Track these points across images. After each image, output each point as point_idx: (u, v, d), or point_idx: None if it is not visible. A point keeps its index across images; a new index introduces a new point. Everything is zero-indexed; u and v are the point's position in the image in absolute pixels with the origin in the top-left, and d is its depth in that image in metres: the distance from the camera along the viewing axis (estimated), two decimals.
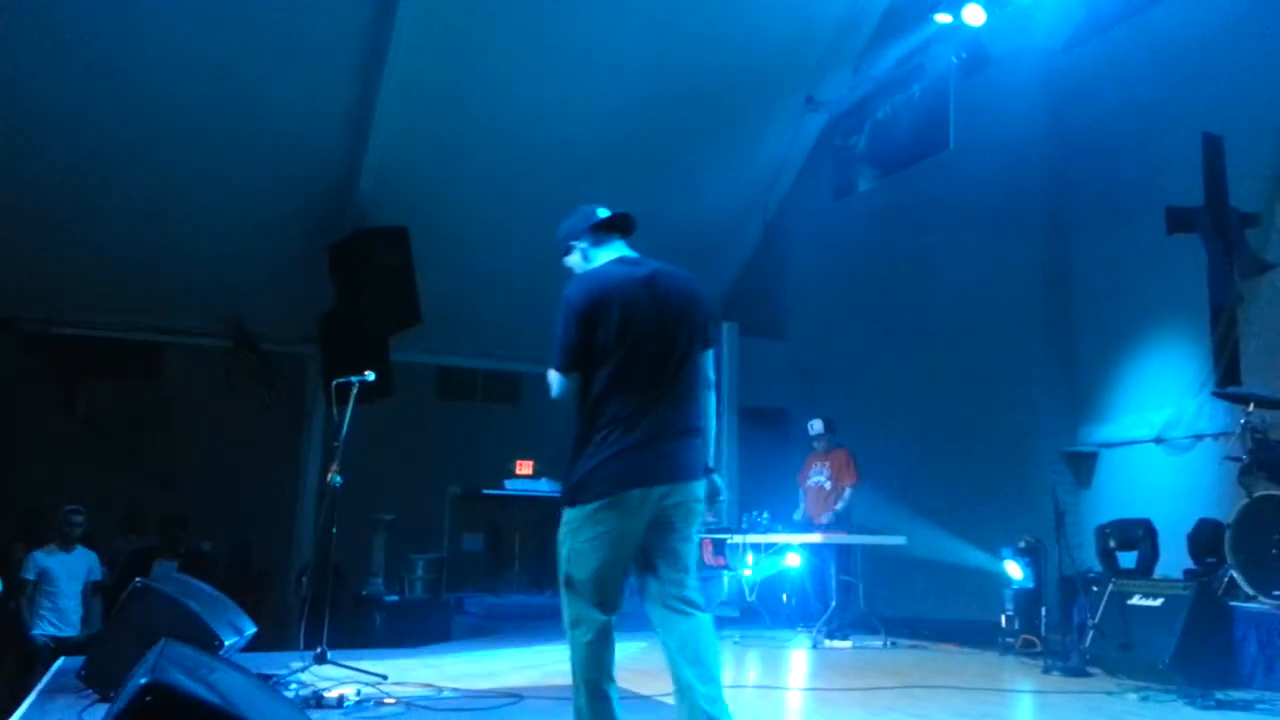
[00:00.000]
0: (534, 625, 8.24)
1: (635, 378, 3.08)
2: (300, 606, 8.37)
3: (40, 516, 8.38)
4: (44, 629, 7.13)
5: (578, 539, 3.04)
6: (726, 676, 5.28)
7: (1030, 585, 6.55)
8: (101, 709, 3.95)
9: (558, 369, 3.15)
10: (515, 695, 4.57)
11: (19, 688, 6.84)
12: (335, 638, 5.70)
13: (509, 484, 10.38)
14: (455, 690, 4.76)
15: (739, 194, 11.21)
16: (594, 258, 3.30)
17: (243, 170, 9.46)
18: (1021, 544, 6.69)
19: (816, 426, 7.97)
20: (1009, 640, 6.48)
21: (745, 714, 4.11)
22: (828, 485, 7.84)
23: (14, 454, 9.60)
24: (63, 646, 6.81)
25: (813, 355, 10.56)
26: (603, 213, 3.34)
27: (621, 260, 3.27)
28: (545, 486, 10.46)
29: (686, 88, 9.83)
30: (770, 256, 11.43)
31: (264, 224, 9.88)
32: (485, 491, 10.24)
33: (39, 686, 4.88)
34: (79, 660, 5.05)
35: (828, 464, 7.89)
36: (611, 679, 3.08)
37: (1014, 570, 6.66)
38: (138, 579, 4.42)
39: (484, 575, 10.65)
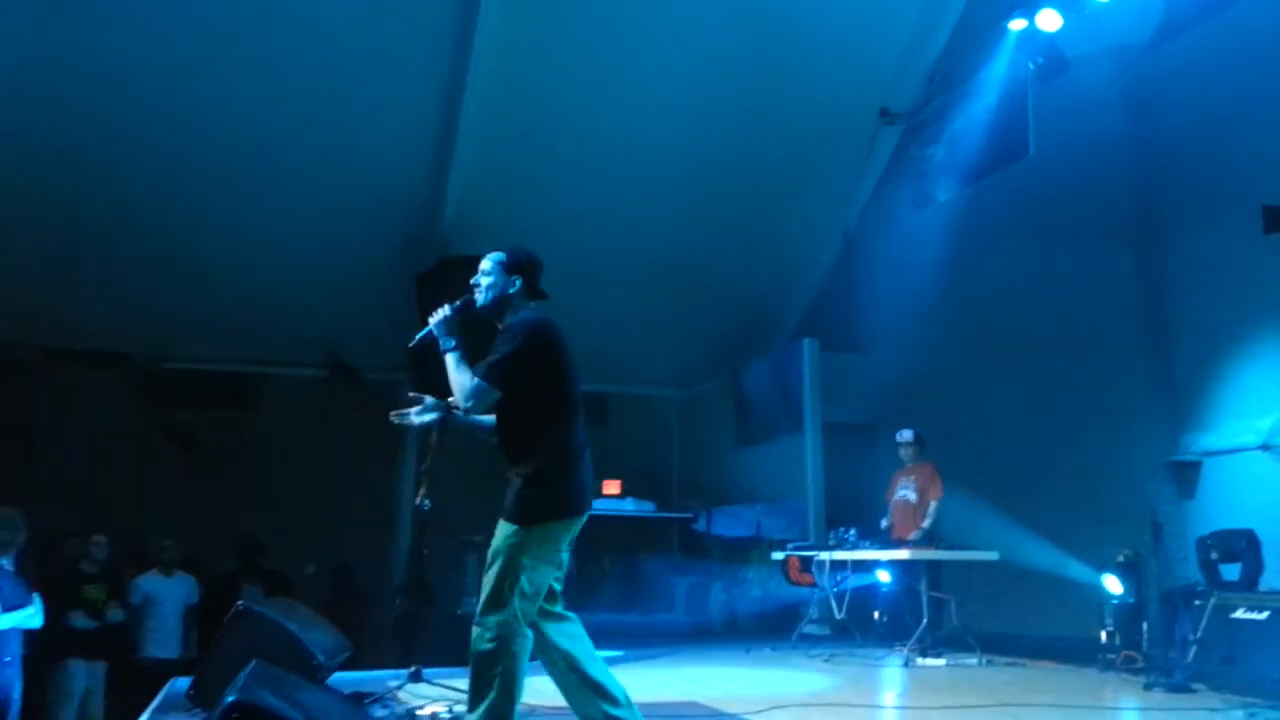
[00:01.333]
0: (622, 643, 8.31)
1: (579, 417, 3.61)
2: (394, 626, 8.63)
3: (146, 543, 8.82)
4: (149, 651, 7.51)
5: (542, 553, 3.40)
6: (811, 694, 5.28)
7: (1131, 600, 6.36)
8: None
9: (497, 383, 3.46)
10: None
11: (130, 708, 7.23)
12: (432, 656, 5.86)
13: (596, 504, 10.49)
14: (546, 707, 4.83)
15: (817, 209, 11.19)
16: (527, 303, 3.73)
17: (332, 209, 9.85)
18: (1121, 557, 6.50)
19: (906, 435, 7.94)
20: (1110, 657, 6.29)
21: None
22: (914, 498, 7.77)
23: (125, 483, 10.12)
24: (166, 667, 7.16)
25: (898, 369, 10.42)
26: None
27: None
28: (631, 506, 10.57)
29: (761, 106, 9.88)
30: (851, 271, 11.35)
31: (355, 259, 10.26)
32: None
33: (151, 706, 5.12)
34: (186, 680, 5.32)
35: (913, 478, 7.83)
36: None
37: (1114, 585, 6.47)
38: (240, 603, 4.63)
39: (574, 593, 10.78)
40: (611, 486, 10.74)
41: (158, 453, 10.50)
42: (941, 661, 6.81)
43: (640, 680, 6.03)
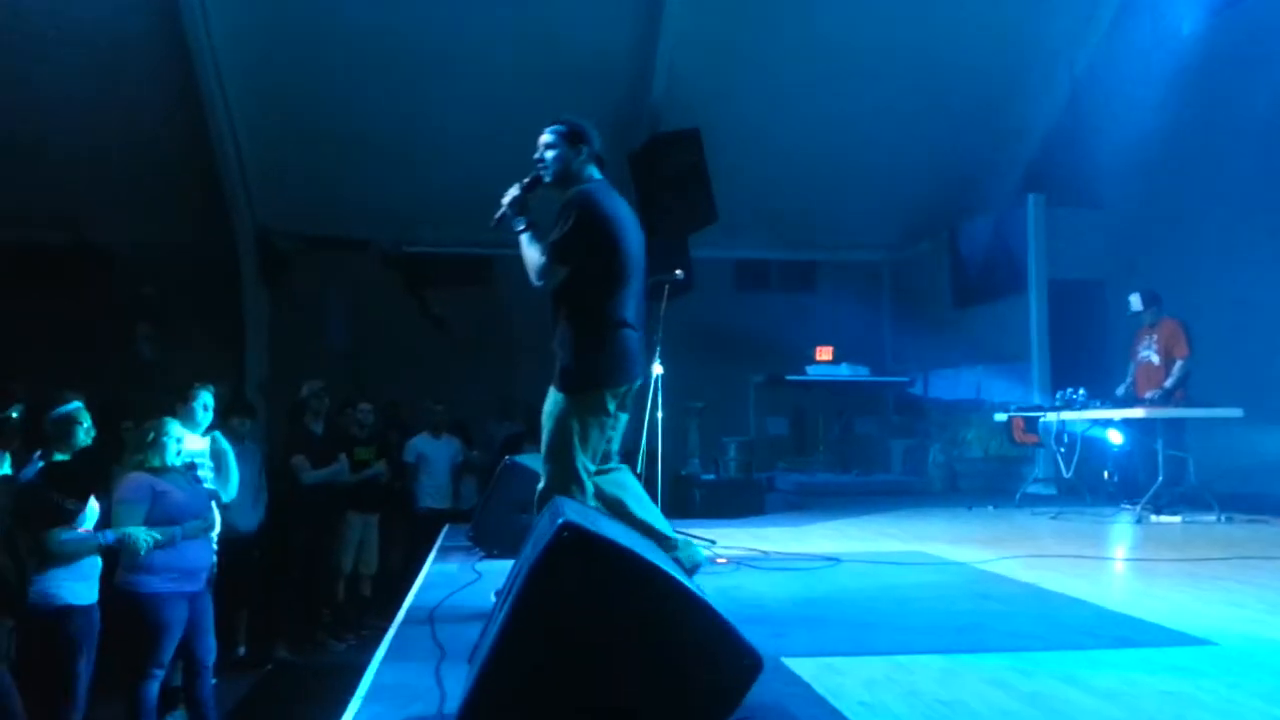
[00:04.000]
0: (841, 501, 8.61)
1: (636, 290, 3.65)
2: None
3: (400, 408, 9.79)
4: (425, 502, 8.44)
5: (590, 419, 3.54)
6: (1038, 547, 5.37)
7: None
8: (488, 563, 4.79)
9: (558, 260, 3.55)
10: (833, 559, 4.93)
11: (410, 550, 8.26)
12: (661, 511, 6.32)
13: (810, 370, 10.71)
14: (779, 553, 5.20)
15: (1041, 48, 10.49)
16: (592, 171, 3.71)
17: (543, 93, 10.14)
18: None
19: (1135, 302, 7.56)
20: None
21: (1055, 582, 4.21)
22: (1156, 360, 7.43)
23: (378, 355, 11.23)
24: (439, 516, 8.06)
25: (1132, 222, 9.82)
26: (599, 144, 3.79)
27: (610, 186, 3.73)
28: (846, 371, 10.69)
29: None
30: (1080, 116, 10.63)
31: None
32: (788, 378, 10.64)
33: (435, 546, 5.87)
34: (460, 527, 6.07)
35: (1155, 337, 7.48)
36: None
37: None
38: (507, 457, 5.21)
39: (791, 455, 11.15)
40: (824, 353, 10.87)
41: (403, 327, 11.53)
42: (1177, 519, 6.68)
43: (865, 532, 6.33)
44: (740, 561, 4.86)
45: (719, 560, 4.86)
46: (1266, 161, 8.30)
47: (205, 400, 5.56)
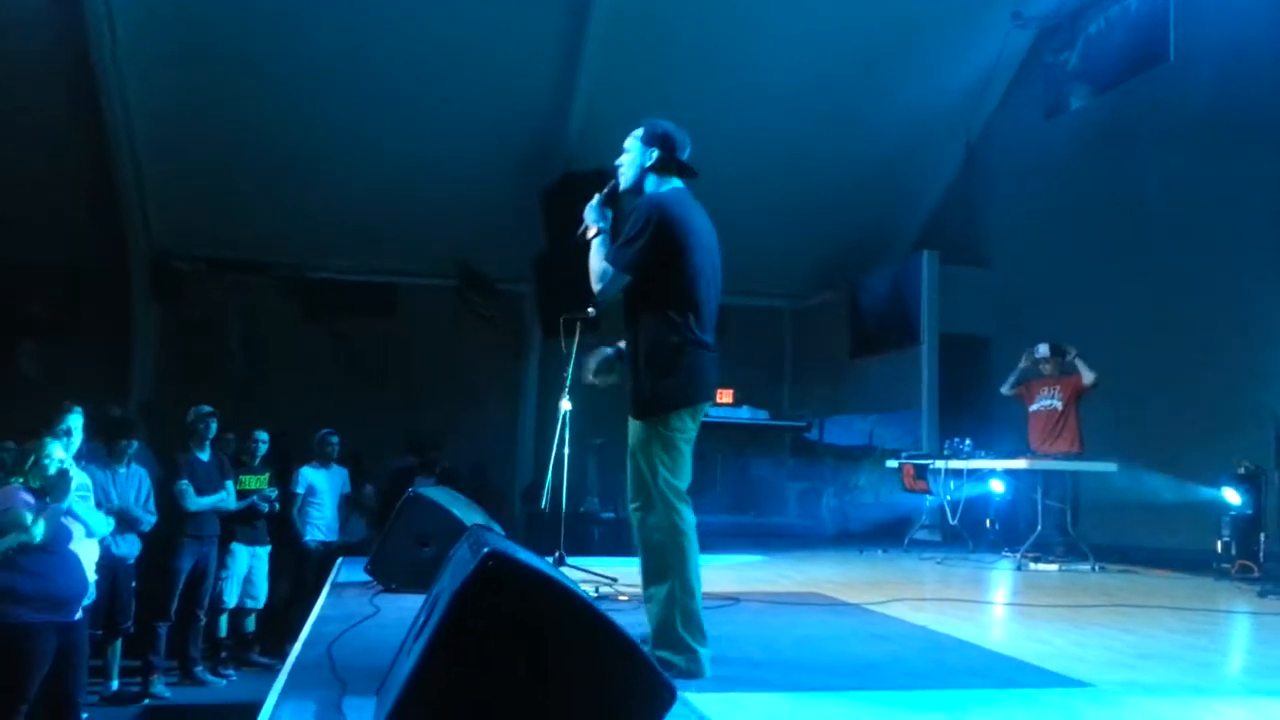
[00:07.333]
0: (736, 542, 8.71)
1: (708, 304, 3.36)
2: (527, 520, 9.22)
3: (298, 438, 9.53)
4: (312, 534, 8.17)
5: (673, 442, 3.27)
6: (926, 590, 5.56)
7: (1249, 511, 6.39)
8: (387, 597, 4.70)
9: (623, 269, 3.29)
10: (733, 598, 5.01)
11: (296, 582, 8.01)
12: (557, 548, 6.32)
13: (711, 411, 10.81)
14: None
15: (940, 117, 11.00)
16: (666, 180, 3.47)
17: (463, 127, 10.24)
18: (1241, 469, 6.52)
19: (1043, 350, 7.84)
20: (1224, 566, 6.38)
21: (943, 624, 4.38)
22: (1060, 406, 7.72)
23: (274, 381, 10.93)
24: (326, 549, 7.85)
25: (1019, 282, 10.34)
26: (688, 153, 3.55)
27: (691, 197, 3.47)
28: (745, 414, 10.86)
29: (886, 12, 9.72)
30: (973, 181, 11.20)
31: (482, 173, 10.67)
32: None
33: (330, 580, 5.73)
34: (354, 560, 5.94)
35: (1058, 388, 7.74)
36: None
37: (1232, 496, 6.51)
38: (410, 489, 5.14)
39: (689, 495, 11.26)
40: (724, 395, 11.03)
41: (302, 356, 11.26)
42: (1054, 567, 6.99)
43: (762, 573, 6.44)
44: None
45: (620, 598, 4.88)
46: (1142, 229, 8.87)
47: (73, 422, 5.35)
